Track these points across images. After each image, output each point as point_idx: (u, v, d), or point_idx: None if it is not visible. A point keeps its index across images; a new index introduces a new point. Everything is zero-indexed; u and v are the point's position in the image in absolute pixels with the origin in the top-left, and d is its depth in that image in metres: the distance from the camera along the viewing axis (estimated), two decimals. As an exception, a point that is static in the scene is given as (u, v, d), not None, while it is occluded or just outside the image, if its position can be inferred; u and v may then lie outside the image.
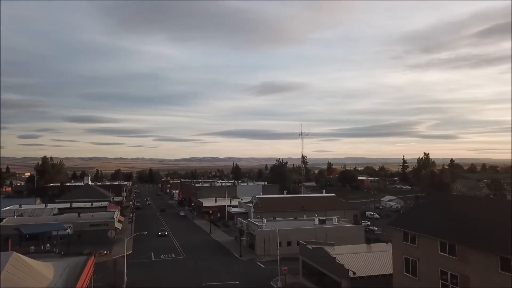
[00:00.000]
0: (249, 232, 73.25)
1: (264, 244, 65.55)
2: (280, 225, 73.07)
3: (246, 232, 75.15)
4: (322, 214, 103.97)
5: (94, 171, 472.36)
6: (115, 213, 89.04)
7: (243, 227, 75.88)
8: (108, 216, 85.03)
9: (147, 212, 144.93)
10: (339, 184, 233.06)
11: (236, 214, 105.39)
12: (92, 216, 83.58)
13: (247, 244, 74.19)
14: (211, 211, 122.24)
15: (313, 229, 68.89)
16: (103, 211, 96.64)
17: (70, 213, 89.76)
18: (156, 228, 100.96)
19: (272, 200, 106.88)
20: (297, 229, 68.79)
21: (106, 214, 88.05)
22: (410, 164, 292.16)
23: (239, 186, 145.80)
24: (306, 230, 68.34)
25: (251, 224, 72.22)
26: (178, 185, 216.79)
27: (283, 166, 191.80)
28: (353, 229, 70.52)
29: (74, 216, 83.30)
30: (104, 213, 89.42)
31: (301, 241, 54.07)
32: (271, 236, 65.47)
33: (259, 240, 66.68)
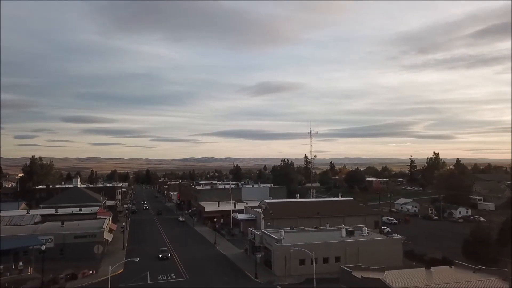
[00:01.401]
0: (263, 246, 61.50)
1: (285, 262, 53.83)
2: (300, 238, 61.52)
3: (258, 243, 63.35)
4: (339, 221, 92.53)
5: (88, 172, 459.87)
6: (106, 221, 77.13)
7: (256, 239, 64.18)
8: (96, 225, 73.13)
9: (144, 217, 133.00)
10: (345, 186, 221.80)
11: (243, 221, 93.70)
12: (78, 226, 71.69)
13: (261, 260, 62.46)
14: (214, 217, 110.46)
15: (342, 244, 57.31)
16: (92, 218, 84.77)
17: (55, 221, 77.88)
18: (153, 239, 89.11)
19: (284, 205, 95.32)
20: (322, 243, 57.13)
21: (94, 222, 76.13)
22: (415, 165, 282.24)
23: (243, 188, 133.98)
24: (334, 245, 56.77)
25: (267, 237, 60.51)
26: (177, 186, 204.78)
27: (289, 166, 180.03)
28: (389, 243, 58.95)
29: (57, 226, 71.42)
30: (93, 222, 77.49)
31: (343, 266, 42.15)
32: (292, 252, 53.91)
33: (278, 257, 54.96)
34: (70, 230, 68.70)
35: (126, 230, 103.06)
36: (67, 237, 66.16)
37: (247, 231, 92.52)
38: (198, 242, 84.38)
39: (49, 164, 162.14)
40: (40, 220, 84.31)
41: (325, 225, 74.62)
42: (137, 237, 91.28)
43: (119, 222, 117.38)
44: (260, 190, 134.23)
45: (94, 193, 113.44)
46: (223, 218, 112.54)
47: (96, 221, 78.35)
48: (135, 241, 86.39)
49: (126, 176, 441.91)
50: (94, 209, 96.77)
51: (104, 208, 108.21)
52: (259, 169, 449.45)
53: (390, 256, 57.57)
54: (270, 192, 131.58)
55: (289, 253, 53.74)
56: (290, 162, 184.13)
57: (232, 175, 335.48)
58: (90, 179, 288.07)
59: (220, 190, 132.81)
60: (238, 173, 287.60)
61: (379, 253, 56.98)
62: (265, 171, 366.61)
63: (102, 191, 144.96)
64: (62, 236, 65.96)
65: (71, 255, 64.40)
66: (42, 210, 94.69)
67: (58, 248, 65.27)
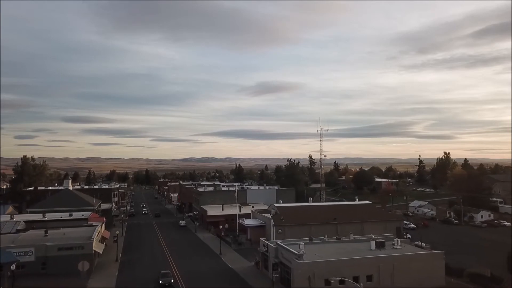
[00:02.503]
0: (279, 260, 52.30)
1: (309, 283, 44.59)
2: (322, 251, 52.34)
3: (273, 258, 54.15)
4: (358, 228, 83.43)
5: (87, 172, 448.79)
6: (97, 228, 67.90)
7: (270, 253, 55.01)
8: (86, 234, 63.94)
9: (142, 221, 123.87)
10: (352, 187, 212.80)
11: (251, 227, 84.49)
12: (64, 235, 62.50)
13: (276, 277, 53.25)
14: (218, 222, 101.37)
15: (374, 260, 48.05)
16: (82, 226, 75.65)
17: (40, 229, 68.71)
18: (151, 248, 80.00)
19: (295, 209, 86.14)
20: (350, 259, 47.90)
21: (84, 231, 66.92)
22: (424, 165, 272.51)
23: (248, 190, 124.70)
24: (364, 261, 47.53)
25: (283, 250, 51.25)
26: (177, 188, 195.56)
27: (295, 167, 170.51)
28: (429, 258, 49.68)
29: (40, 235, 62.28)
30: (82, 230, 68.28)
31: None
32: (316, 271, 44.79)
33: (299, 276, 45.71)
34: (54, 240, 59.57)
35: (122, 236, 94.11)
36: (50, 249, 57.04)
37: (255, 239, 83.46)
38: (201, 252, 75.18)
39: (42, 164, 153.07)
40: (24, 227, 75.33)
41: (345, 233, 65.31)
42: (133, 245, 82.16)
43: (115, 226, 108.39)
44: (266, 192, 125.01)
45: (87, 196, 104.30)
46: (227, 223, 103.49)
47: (86, 229, 69.15)
48: (130, 250, 77.26)
49: (125, 176, 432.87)
50: (86, 213, 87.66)
51: (98, 213, 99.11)
52: (260, 169, 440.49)
53: (431, 274, 48.44)
54: (277, 195, 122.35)
55: (312, 272, 44.58)
56: (296, 162, 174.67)
57: (234, 176, 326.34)
58: (88, 179, 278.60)
59: (224, 192, 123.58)
60: (240, 174, 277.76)
61: (418, 270, 47.83)
62: (267, 171, 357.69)
63: (97, 193, 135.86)
64: (44, 248, 56.84)
65: (54, 270, 55.40)
66: (28, 216, 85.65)
67: (40, 262, 56.18)
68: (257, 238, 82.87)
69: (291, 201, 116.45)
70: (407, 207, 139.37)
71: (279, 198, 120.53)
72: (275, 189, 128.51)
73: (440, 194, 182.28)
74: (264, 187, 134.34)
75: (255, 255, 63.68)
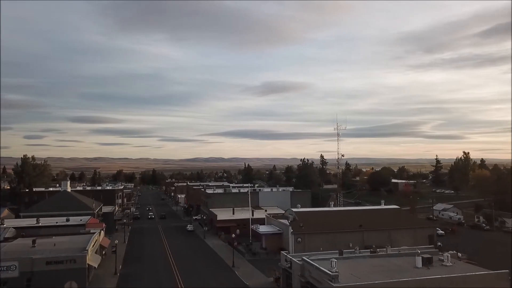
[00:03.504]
0: (305, 280, 43.60)
1: (347, 314, 35.82)
2: (357, 268, 43.53)
3: (299, 277, 45.48)
4: (385, 236, 74.56)
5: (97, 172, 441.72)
6: (94, 237, 59.73)
7: (294, 269, 46.35)
8: (80, 243, 55.76)
9: (147, 225, 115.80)
10: (365, 188, 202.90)
11: (266, 235, 75.86)
12: (55, 246, 54.39)
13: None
14: (229, 228, 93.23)
15: (424, 282, 39.04)
16: (79, 233, 67.64)
17: (29, 237, 60.77)
18: (155, 258, 71.79)
19: (315, 215, 77.44)
20: (396, 281, 38.96)
21: (78, 240, 58.75)
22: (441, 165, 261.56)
23: (261, 193, 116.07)
24: (413, 284, 38.57)
25: (311, 268, 42.49)
26: (184, 188, 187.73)
27: (309, 167, 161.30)
28: (492, 280, 40.56)
29: (27, 246, 54.25)
30: (77, 239, 60.15)
31: None
32: (355, 297, 36.04)
33: (334, 303, 36.91)
34: (42, 252, 51.47)
35: (124, 243, 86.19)
36: (37, 263, 48.91)
37: (271, 247, 74.91)
38: (211, 264, 66.71)
39: (43, 164, 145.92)
40: (14, 234, 67.55)
41: (372, 242, 56.46)
42: (136, 255, 74.03)
43: (117, 231, 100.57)
44: (280, 194, 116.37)
45: (87, 199, 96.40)
46: (238, 228, 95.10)
47: (81, 237, 61.01)
48: (132, 260, 69.11)
49: (132, 176, 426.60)
50: (85, 218, 79.67)
51: (98, 217, 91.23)
52: (268, 170, 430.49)
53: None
54: (292, 197, 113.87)
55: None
56: (310, 163, 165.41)
57: (242, 176, 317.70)
58: (94, 180, 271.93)
59: (234, 194, 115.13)
60: (249, 174, 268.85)
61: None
62: (275, 172, 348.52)
63: (100, 194, 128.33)
64: (30, 262, 48.71)
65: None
66: (21, 221, 77.97)
67: (24, 278, 48.10)
68: (273, 247, 74.43)
69: (307, 204, 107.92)
70: (431, 211, 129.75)
71: (293, 201, 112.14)
72: (289, 191, 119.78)
73: (462, 196, 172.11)
74: (277, 188, 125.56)
75: (275, 269, 55.09)
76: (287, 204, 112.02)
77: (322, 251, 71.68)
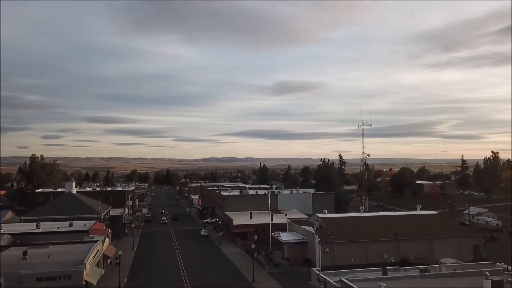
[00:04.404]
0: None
1: None
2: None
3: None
4: (425, 246, 65.62)
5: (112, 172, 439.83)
6: (93, 247, 52.54)
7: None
8: (79, 254, 48.59)
9: (158, 230, 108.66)
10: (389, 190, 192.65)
11: (288, 244, 67.67)
12: (49, 258, 47.34)
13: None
14: (247, 235, 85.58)
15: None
16: (81, 241, 60.71)
17: (23, 246, 54.07)
18: (164, 268, 64.32)
19: (344, 221, 69.00)
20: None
21: (77, 250, 51.63)
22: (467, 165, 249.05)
23: (280, 195, 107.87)
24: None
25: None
26: (198, 189, 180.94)
27: (330, 167, 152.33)
28: None
29: (17, 257, 47.35)
30: (76, 248, 53.07)
31: None
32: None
33: None
34: (33, 266, 44.48)
35: (132, 250, 79.24)
36: (26, 280, 41.99)
37: (294, 257, 66.78)
38: (227, 276, 58.91)
39: (52, 163, 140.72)
40: (10, 241, 61.09)
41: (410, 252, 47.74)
42: (144, 265, 66.78)
43: (126, 236, 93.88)
44: (300, 197, 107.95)
45: (93, 201, 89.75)
46: (256, 234, 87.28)
47: (82, 246, 53.94)
48: (139, 272, 61.86)
49: (146, 176, 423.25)
50: (90, 223, 72.87)
51: (105, 221, 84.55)
52: (283, 169, 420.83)
53: None
54: (313, 200, 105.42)
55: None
56: (331, 163, 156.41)
57: (257, 176, 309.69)
58: (107, 180, 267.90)
59: (251, 197, 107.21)
60: (265, 174, 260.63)
61: None
62: (290, 172, 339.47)
63: (110, 196, 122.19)
64: (18, 278, 41.82)
65: (29, 310, 40.33)
66: (19, 226, 71.64)
67: (11, 297, 41.22)
68: (297, 257, 66.32)
69: (330, 208, 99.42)
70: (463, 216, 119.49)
71: (315, 204, 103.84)
72: (311, 193, 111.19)
73: (494, 199, 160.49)
74: (296, 190, 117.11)
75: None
76: (308, 207, 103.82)
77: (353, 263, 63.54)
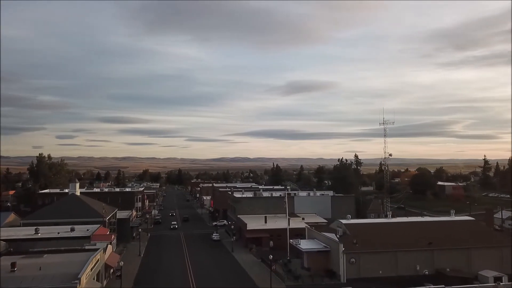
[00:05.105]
0: None
1: None
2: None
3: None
4: (462, 257, 58.78)
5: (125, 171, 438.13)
6: (92, 257, 46.89)
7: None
8: (74, 267, 42.99)
9: (168, 233, 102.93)
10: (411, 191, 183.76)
11: (308, 253, 61.19)
12: (40, 270, 41.78)
13: None
14: (262, 240, 79.56)
15: None
16: (82, 249, 55.26)
17: (14, 255, 48.80)
18: (172, 278, 58.38)
19: (370, 228, 62.25)
20: None
21: (74, 260, 46.01)
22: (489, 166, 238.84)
23: (296, 197, 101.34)
24: None
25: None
26: (210, 190, 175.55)
27: (348, 168, 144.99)
28: None
29: (5, 270, 41.93)
30: (72, 258, 47.47)
31: None
32: None
33: None
34: (21, 281, 38.99)
35: (139, 256, 73.78)
36: (11, 297, 36.47)
37: (315, 267, 60.27)
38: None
39: (60, 163, 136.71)
40: (4, 248, 56.03)
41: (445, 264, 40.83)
42: (150, 275, 61.11)
43: (134, 240, 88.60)
44: (318, 200, 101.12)
45: (98, 203, 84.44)
46: (271, 239, 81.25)
47: (79, 256, 48.29)
48: (145, 280, 56.26)
49: (158, 176, 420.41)
50: (93, 227, 67.53)
51: (110, 225, 79.25)
52: (295, 170, 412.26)
53: None
54: (332, 203, 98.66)
55: None
56: (349, 163, 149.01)
57: (269, 176, 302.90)
58: (118, 180, 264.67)
59: (266, 199, 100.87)
60: (278, 175, 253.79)
61: None
62: (304, 172, 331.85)
63: (118, 197, 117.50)
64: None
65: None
66: (19, 230, 66.60)
67: (-7, 318, 35.76)
68: (318, 267, 59.78)
69: (351, 212, 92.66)
70: (493, 220, 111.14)
71: (335, 208, 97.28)
72: (329, 196, 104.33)
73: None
74: (314, 192, 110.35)
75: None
76: (326, 211, 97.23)
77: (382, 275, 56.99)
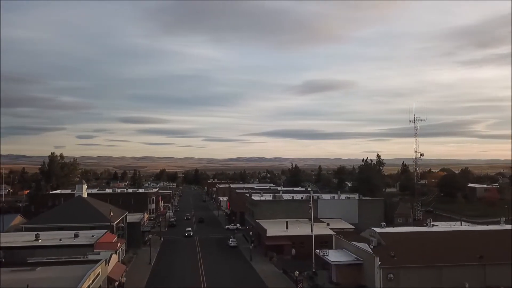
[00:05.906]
0: None
1: None
2: None
3: None
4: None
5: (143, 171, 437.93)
6: (90, 272, 40.74)
7: None
8: (68, 283, 36.89)
9: (182, 238, 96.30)
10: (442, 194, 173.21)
11: (338, 266, 53.80)
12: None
13: None
14: (283, 248, 72.53)
15: None
16: (83, 259, 49.32)
17: (7, 267, 43.12)
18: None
19: (410, 238, 54.36)
20: None
21: (70, 274, 39.95)
22: None
23: (320, 200, 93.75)
24: None
25: None
26: (227, 191, 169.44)
27: (373, 169, 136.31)
28: None
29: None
30: (69, 272, 41.42)
31: None
32: None
33: None
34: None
35: (150, 264, 67.80)
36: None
37: (345, 282, 53.08)
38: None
39: (72, 162, 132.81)
40: (1, 257, 50.63)
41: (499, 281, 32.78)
42: (160, 284, 54.89)
43: (146, 245, 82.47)
44: (344, 203, 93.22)
45: (106, 205, 78.69)
46: (294, 247, 74.07)
47: (75, 269, 42.23)
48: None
49: (175, 176, 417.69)
50: (99, 233, 61.73)
51: (118, 230, 73.44)
52: (313, 170, 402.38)
53: None
54: (359, 207, 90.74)
55: None
56: (373, 163, 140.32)
57: (287, 177, 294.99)
58: (134, 179, 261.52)
59: (287, 202, 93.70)
60: (297, 175, 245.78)
61: None
62: (323, 173, 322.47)
63: (130, 198, 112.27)
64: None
65: None
66: (19, 235, 61.30)
67: None
68: (349, 282, 52.44)
69: (380, 217, 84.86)
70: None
71: (362, 212, 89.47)
72: (356, 199, 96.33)
73: None
74: (338, 195, 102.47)
75: None
76: (352, 215, 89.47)
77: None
